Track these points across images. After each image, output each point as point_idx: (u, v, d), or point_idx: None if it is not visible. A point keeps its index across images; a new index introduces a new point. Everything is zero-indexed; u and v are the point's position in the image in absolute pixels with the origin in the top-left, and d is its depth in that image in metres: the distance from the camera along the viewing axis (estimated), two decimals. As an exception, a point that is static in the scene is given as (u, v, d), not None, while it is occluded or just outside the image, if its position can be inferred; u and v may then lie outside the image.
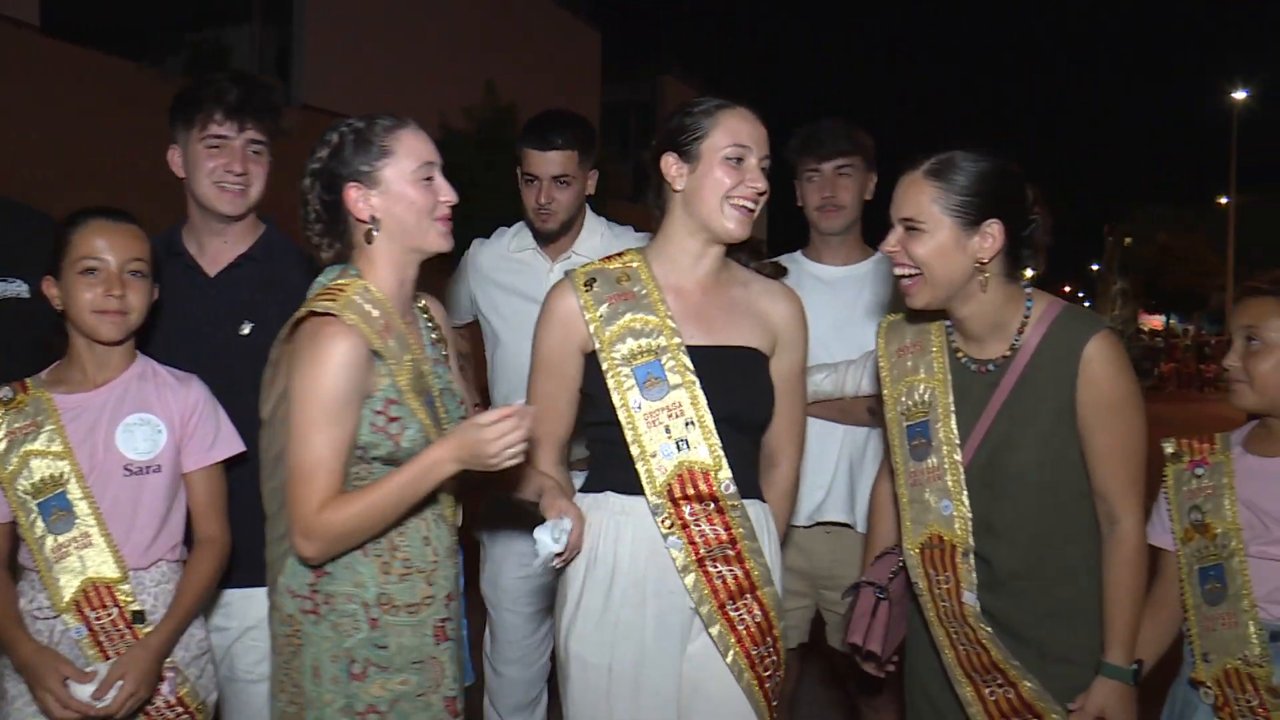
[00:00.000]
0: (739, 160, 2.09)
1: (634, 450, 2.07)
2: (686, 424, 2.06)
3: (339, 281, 1.94)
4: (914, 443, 2.17)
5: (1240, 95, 30.31)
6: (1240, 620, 2.00)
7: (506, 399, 3.10)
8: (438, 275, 2.41)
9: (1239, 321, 2.07)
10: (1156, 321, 45.78)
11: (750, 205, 2.09)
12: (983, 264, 2.04)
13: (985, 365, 2.13)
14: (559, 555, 1.98)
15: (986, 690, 2.11)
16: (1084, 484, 2.09)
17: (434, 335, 2.10)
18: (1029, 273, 2.15)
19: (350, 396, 1.87)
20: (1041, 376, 2.06)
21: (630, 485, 2.08)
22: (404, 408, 1.92)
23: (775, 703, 2.14)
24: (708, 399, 2.07)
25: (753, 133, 2.10)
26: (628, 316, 2.11)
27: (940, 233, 2.03)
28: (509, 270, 3.15)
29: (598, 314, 2.11)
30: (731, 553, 2.07)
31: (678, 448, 2.06)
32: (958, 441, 2.11)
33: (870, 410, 2.77)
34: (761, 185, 2.10)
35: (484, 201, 7.62)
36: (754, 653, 2.08)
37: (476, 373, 3.18)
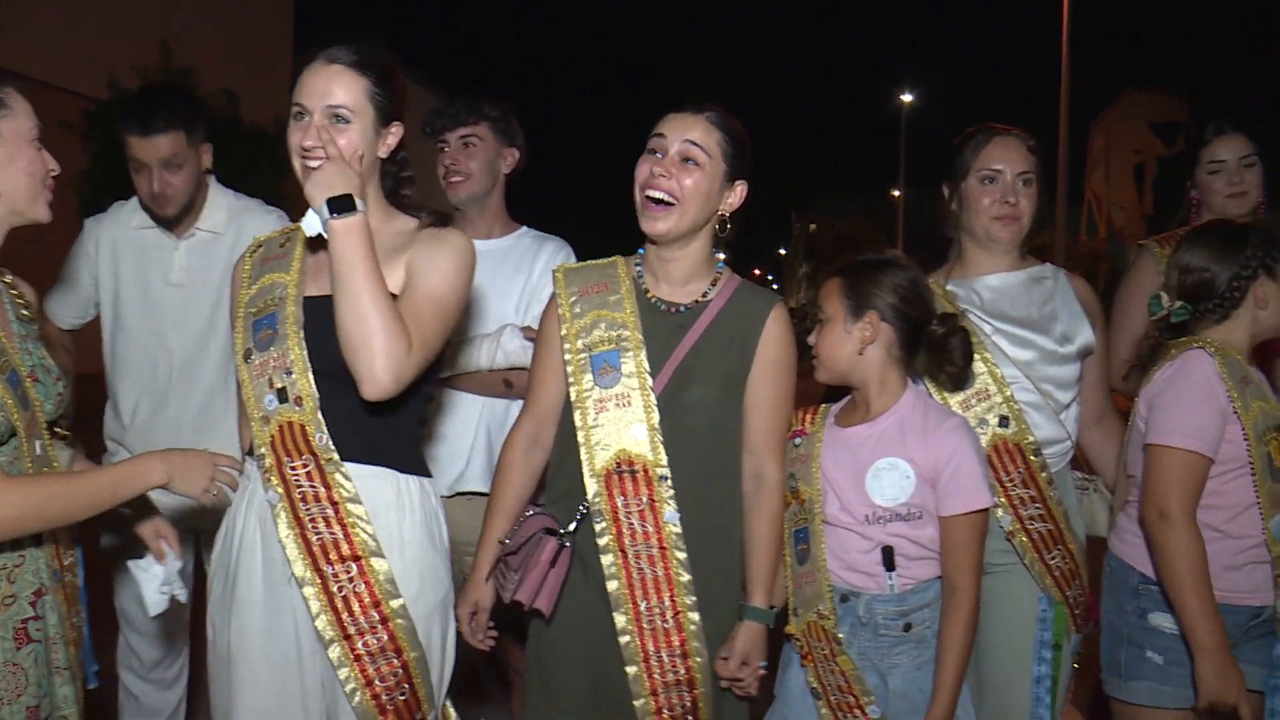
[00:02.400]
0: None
1: (249, 405, 2.03)
2: (286, 374, 1.99)
3: None
4: (600, 370, 2.21)
5: (908, 98, 33.14)
6: (818, 579, 2.20)
7: (136, 406, 2.94)
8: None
9: (818, 301, 2.26)
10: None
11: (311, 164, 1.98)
12: (725, 216, 2.23)
13: (676, 307, 2.25)
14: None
15: (646, 621, 2.15)
16: (740, 444, 2.23)
17: (24, 312, 1.96)
18: (721, 255, 2.30)
19: None
20: (730, 326, 2.21)
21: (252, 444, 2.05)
22: None
23: (385, 682, 1.98)
24: (309, 350, 1.99)
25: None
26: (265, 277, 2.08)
27: (712, 175, 2.17)
28: (133, 248, 2.96)
29: None
30: (331, 514, 1.96)
31: (279, 399, 1.99)
32: (648, 370, 2.20)
33: (506, 382, 2.81)
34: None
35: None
36: (347, 621, 1.94)
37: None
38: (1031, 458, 2.43)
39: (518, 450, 2.33)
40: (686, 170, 2.17)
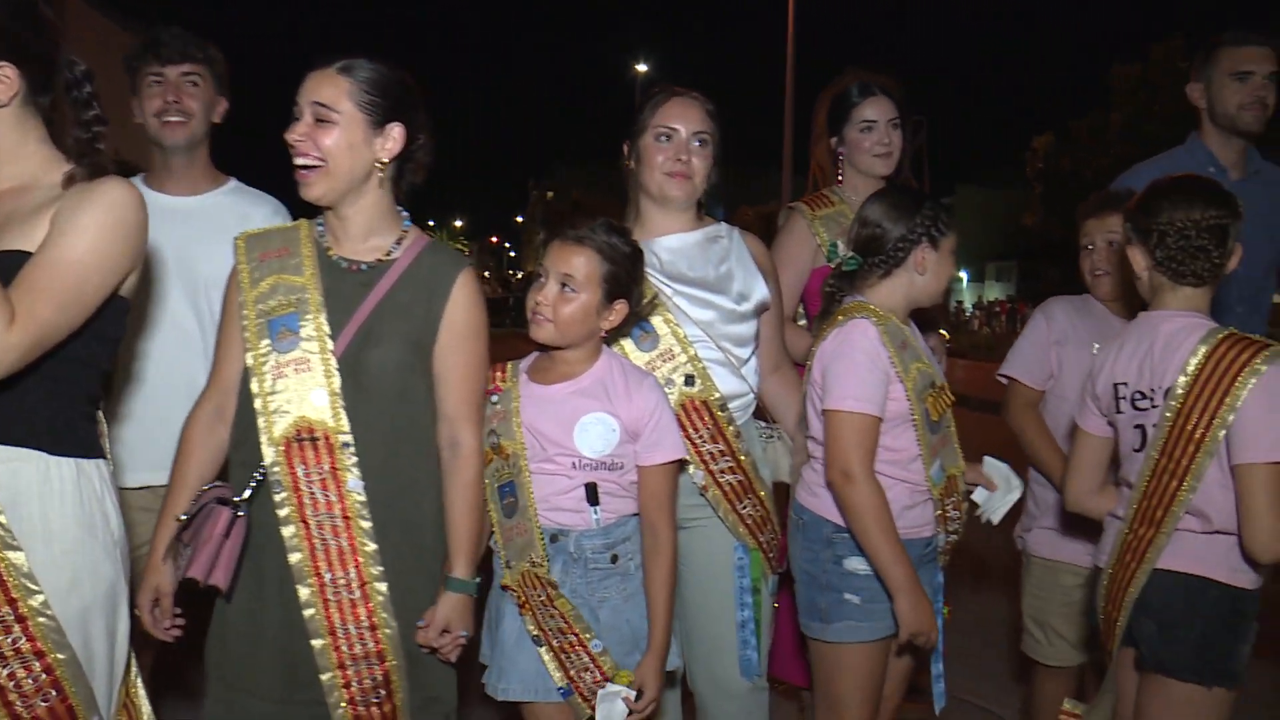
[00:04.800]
0: None
1: None
2: None
3: None
4: (278, 334, 2.16)
5: (643, 68, 33.50)
6: (529, 529, 2.23)
7: None
8: None
9: (553, 267, 2.24)
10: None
11: None
12: (382, 165, 2.16)
13: (358, 265, 2.20)
14: None
15: (331, 592, 2.11)
16: (434, 411, 2.20)
17: None
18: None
19: None
20: (415, 286, 2.18)
21: None
22: None
23: (22, 688, 1.80)
24: None
25: None
26: None
27: (351, 126, 2.11)
28: None
29: None
30: None
31: None
32: (328, 332, 2.14)
33: None
34: None
35: None
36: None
37: None
38: (718, 413, 2.54)
39: (199, 426, 2.24)
40: (323, 130, 2.12)
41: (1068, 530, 2.90)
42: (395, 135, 2.16)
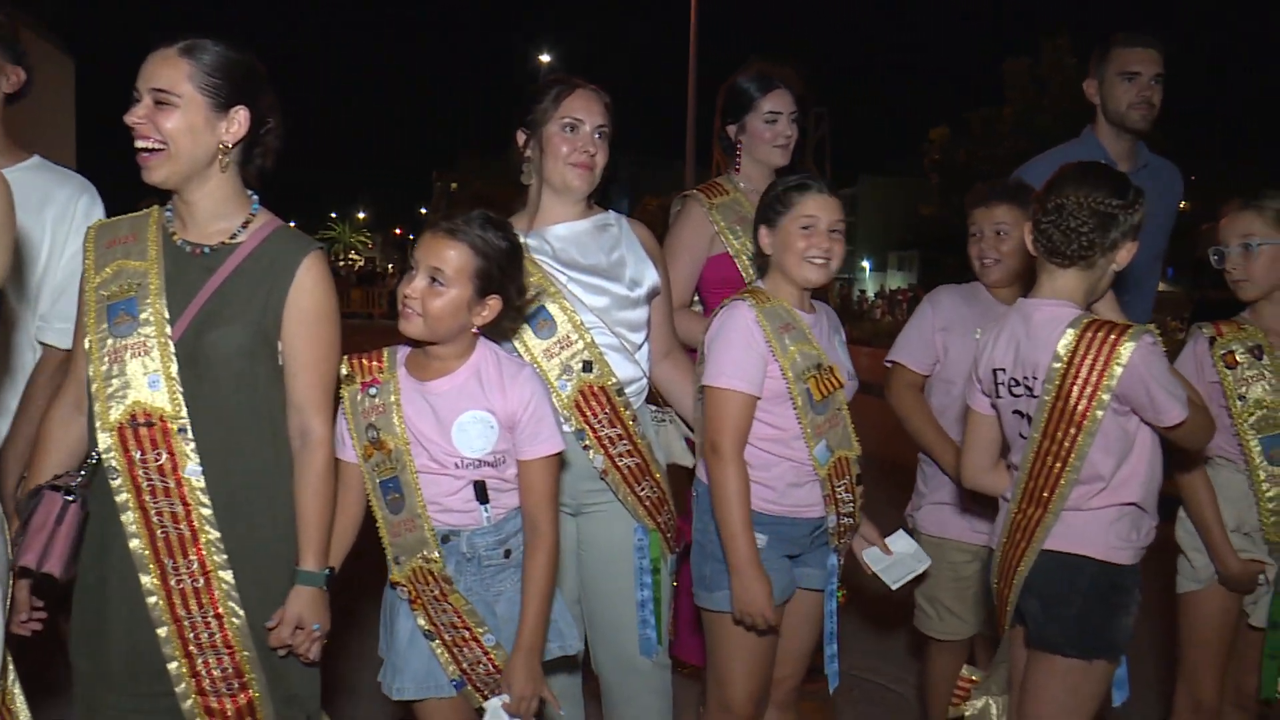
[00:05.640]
0: None
1: None
2: None
3: None
4: (115, 320, 2.12)
5: (546, 58, 33.35)
6: (418, 525, 2.20)
7: None
8: None
9: (423, 259, 2.18)
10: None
11: None
12: (227, 148, 2.12)
13: (201, 248, 2.16)
14: None
15: (174, 580, 2.08)
16: (282, 398, 2.16)
17: None
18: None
19: None
20: (259, 270, 2.13)
21: None
22: None
23: None
24: None
25: None
26: None
27: (191, 110, 2.07)
28: None
29: None
30: None
31: None
32: (167, 318, 2.11)
33: None
34: None
35: None
36: None
37: None
38: (615, 398, 2.57)
39: (55, 421, 2.20)
40: (163, 113, 2.08)
41: (955, 508, 2.99)
42: (239, 119, 2.12)
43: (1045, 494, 2.30)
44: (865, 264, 53.01)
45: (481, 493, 2.21)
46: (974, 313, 3.00)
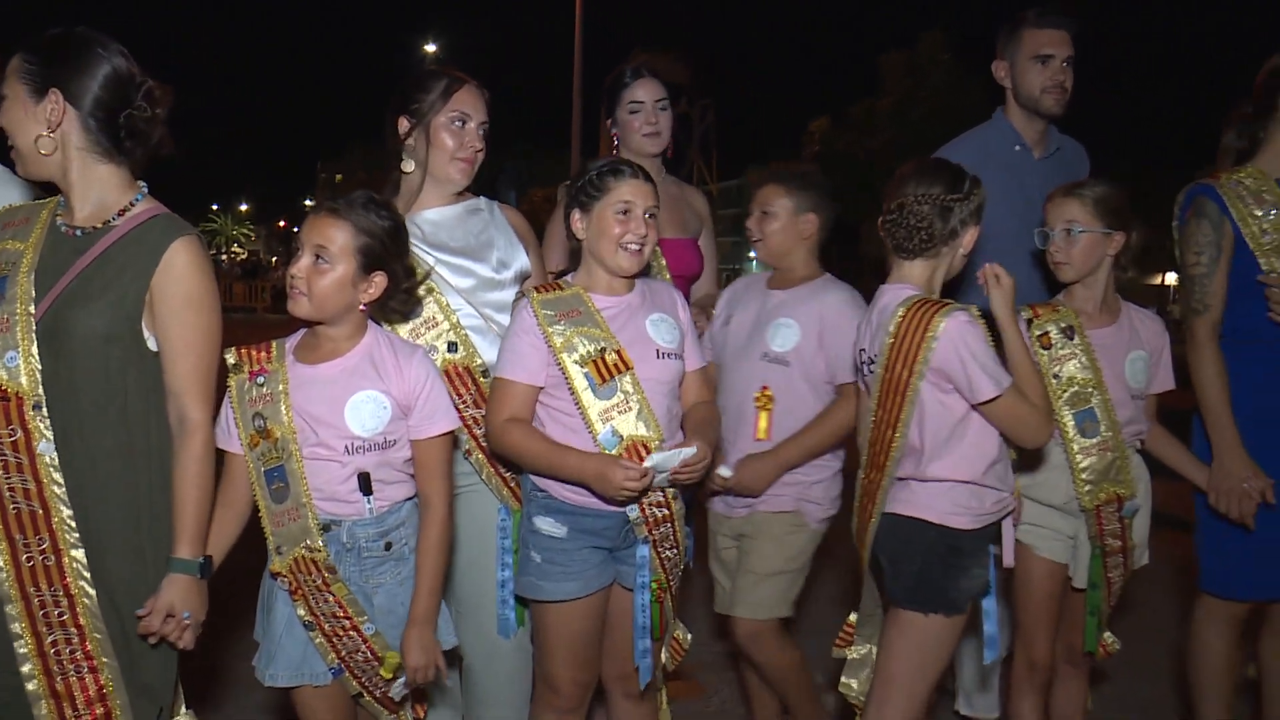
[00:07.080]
0: None
1: None
2: None
3: None
4: None
5: (431, 48, 32.96)
6: (302, 514, 2.21)
7: None
8: None
9: (308, 239, 2.23)
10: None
11: None
12: (47, 134, 2.12)
13: (75, 230, 2.17)
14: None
15: (25, 556, 2.08)
16: (155, 385, 2.16)
17: None
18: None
19: None
20: (127, 253, 2.13)
21: None
22: None
23: None
24: None
25: None
26: None
27: (14, 102, 2.12)
28: None
29: None
30: None
31: None
32: (32, 295, 2.11)
33: None
34: None
35: None
36: None
37: None
38: (480, 379, 2.61)
39: None
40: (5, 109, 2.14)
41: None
42: (54, 101, 2.12)
43: (882, 459, 2.47)
44: (752, 254, 53.57)
45: (366, 484, 2.22)
46: (749, 298, 3.09)
